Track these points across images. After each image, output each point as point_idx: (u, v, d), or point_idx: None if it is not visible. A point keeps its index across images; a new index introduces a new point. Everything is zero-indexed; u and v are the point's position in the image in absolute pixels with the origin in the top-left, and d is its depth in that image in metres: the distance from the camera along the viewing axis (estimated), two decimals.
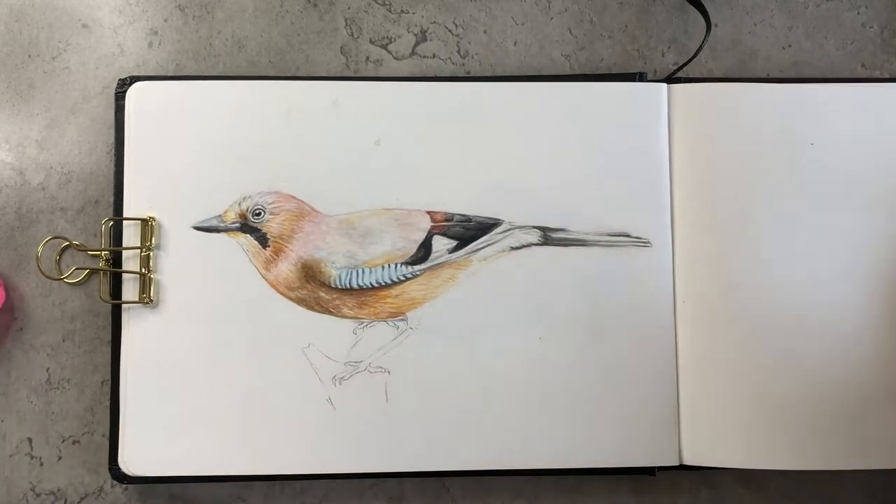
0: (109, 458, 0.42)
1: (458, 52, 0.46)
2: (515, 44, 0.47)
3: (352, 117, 0.44)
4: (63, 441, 0.44)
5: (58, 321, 0.44)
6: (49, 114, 0.45)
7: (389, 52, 0.46)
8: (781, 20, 0.47)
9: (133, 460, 0.42)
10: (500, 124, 0.44)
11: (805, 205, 0.43)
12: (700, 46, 0.45)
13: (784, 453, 0.42)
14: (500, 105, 0.44)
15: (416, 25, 0.46)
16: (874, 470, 0.44)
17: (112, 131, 0.45)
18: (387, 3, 0.47)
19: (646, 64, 0.46)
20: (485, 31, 0.47)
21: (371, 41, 0.46)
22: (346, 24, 0.46)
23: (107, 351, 0.44)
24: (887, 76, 0.46)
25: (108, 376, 0.44)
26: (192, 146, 0.43)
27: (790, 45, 0.47)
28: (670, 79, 0.44)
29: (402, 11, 0.47)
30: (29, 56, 0.46)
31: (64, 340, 0.44)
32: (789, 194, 0.43)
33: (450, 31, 0.46)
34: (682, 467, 0.42)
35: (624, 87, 0.44)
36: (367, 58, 0.46)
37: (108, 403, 0.44)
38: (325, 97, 0.44)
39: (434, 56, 0.46)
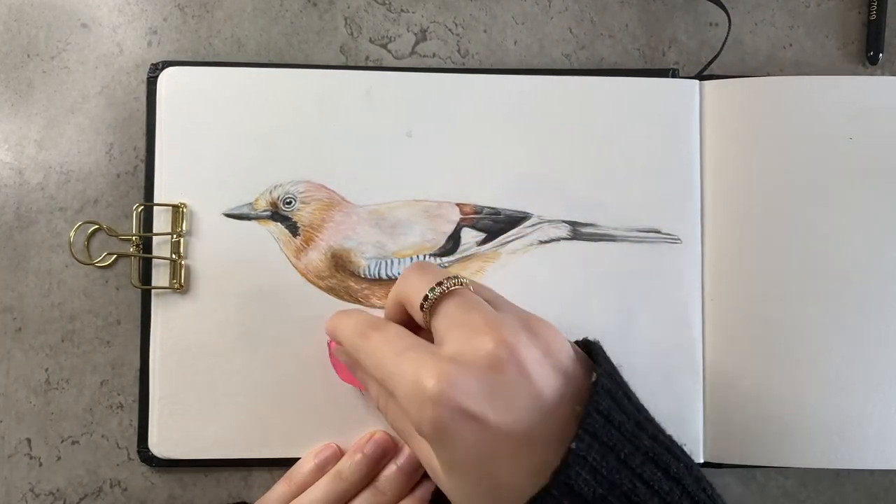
0: (138, 440, 0.43)
1: (458, 51, 0.46)
2: (515, 43, 0.46)
3: (384, 108, 0.44)
4: (62, 441, 0.44)
5: (57, 321, 0.44)
6: (48, 113, 0.45)
7: (389, 51, 0.46)
8: (782, 19, 0.47)
9: (162, 443, 0.42)
10: (530, 117, 0.44)
11: (840, 202, 0.43)
12: (724, 42, 0.45)
13: (811, 452, 0.42)
14: (531, 98, 0.44)
15: (415, 25, 0.46)
16: (875, 470, 0.44)
17: (111, 131, 0.45)
18: (386, 2, 0.46)
19: (646, 63, 0.46)
20: (485, 31, 0.46)
21: (371, 40, 0.46)
22: (346, 24, 0.46)
23: (106, 351, 0.44)
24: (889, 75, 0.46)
25: (108, 376, 0.44)
26: (224, 133, 0.43)
27: (791, 45, 0.47)
28: (701, 75, 0.44)
29: (401, 11, 0.46)
30: (28, 55, 0.45)
31: (63, 340, 0.44)
32: (824, 191, 0.43)
33: (450, 30, 0.46)
34: (706, 465, 0.43)
35: (656, 83, 0.44)
36: (367, 57, 0.46)
37: (107, 404, 0.44)
38: (358, 87, 0.44)
39: (434, 55, 0.46)
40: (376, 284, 0.43)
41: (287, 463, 0.43)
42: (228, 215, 0.43)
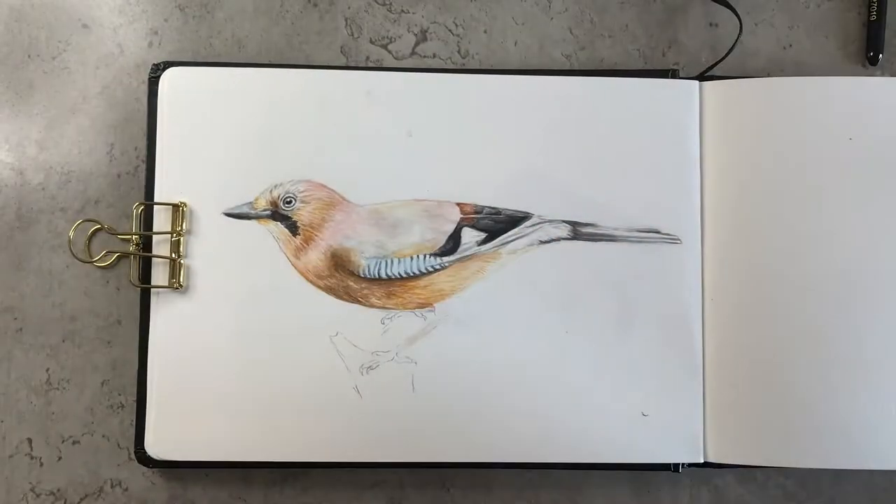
0: (135, 441, 0.42)
1: (459, 51, 0.46)
2: (516, 44, 0.46)
3: (384, 108, 0.44)
4: (63, 441, 0.44)
5: (58, 321, 0.44)
6: (49, 114, 0.45)
7: (389, 51, 0.46)
8: (782, 20, 0.47)
9: (159, 444, 0.42)
10: (531, 118, 0.44)
11: (840, 202, 0.43)
12: (732, 45, 0.45)
13: (811, 452, 0.42)
14: (531, 98, 0.44)
15: (416, 25, 0.46)
16: (874, 470, 0.44)
17: (112, 131, 0.45)
18: (387, 2, 0.46)
19: (646, 64, 0.46)
20: (485, 31, 0.46)
21: (371, 41, 0.46)
22: (347, 24, 0.46)
23: (107, 351, 0.44)
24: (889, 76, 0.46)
25: (109, 376, 0.44)
26: (225, 132, 0.43)
27: (791, 45, 0.47)
28: (702, 76, 0.44)
29: (402, 11, 0.46)
30: (29, 56, 0.45)
31: (64, 340, 0.44)
32: (824, 191, 0.43)
33: (450, 30, 0.46)
34: (706, 465, 0.43)
35: (656, 84, 0.44)
36: (367, 58, 0.46)
37: (108, 404, 0.44)
38: (358, 87, 0.44)
39: (434, 56, 0.46)
40: (375, 284, 0.43)
41: (287, 464, 0.43)
42: (228, 214, 0.43)
